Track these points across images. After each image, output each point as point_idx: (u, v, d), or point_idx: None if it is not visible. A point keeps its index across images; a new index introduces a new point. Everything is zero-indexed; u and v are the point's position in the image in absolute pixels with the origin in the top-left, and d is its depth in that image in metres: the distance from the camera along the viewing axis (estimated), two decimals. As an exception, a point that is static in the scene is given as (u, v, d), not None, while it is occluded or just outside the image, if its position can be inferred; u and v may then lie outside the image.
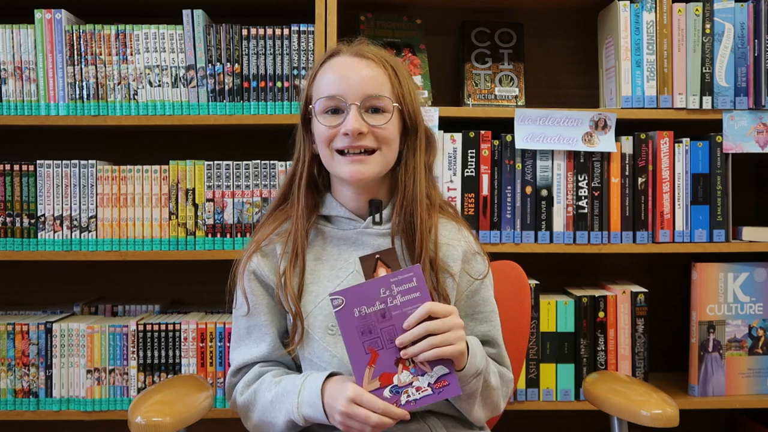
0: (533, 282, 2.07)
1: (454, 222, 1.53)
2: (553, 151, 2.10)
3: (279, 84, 2.07)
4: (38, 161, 2.07)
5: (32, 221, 2.06)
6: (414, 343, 1.29)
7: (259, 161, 2.08)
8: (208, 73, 2.06)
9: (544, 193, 2.11)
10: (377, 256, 1.31)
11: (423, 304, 1.28)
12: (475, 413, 1.44)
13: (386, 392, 1.28)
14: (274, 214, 1.53)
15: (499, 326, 1.53)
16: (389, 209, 1.49)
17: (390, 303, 1.27)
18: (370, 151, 1.42)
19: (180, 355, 2.08)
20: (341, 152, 1.42)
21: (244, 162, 2.08)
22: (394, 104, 1.44)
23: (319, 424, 1.39)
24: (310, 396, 1.35)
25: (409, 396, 1.29)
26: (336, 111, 1.43)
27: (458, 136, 2.09)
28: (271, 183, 2.07)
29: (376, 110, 1.43)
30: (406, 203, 1.45)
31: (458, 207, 2.08)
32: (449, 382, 1.29)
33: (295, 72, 2.07)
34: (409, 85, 1.48)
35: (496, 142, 2.10)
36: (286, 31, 2.08)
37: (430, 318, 1.29)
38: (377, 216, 1.47)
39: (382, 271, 1.29)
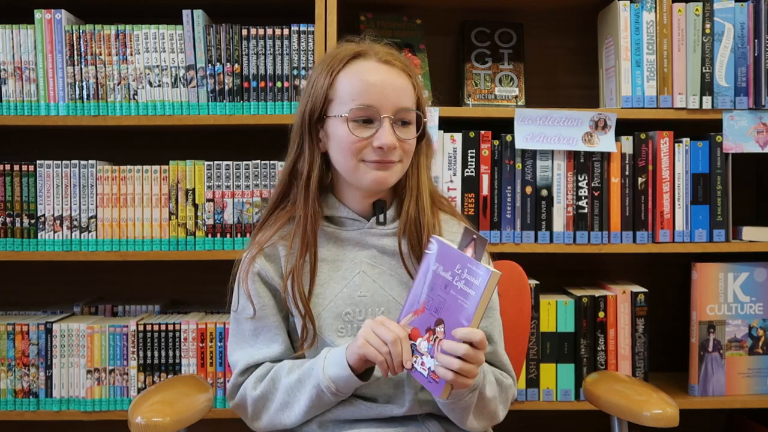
0: (533, 282, 2.07)
1: (455, 220, 1.53)
2: (553, 151, 2.10)
3: (279, 84, 2.07)
4: (38, 161, 2.07)
5: (32, 221, 2.06)
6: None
7: (259, 161, 2.08)
8: (208, 73, 2.06)
9: (544, 193, 2.11)
10: (475, 236, 1.29)
11: (479, 332, 1.25)
12: (470, 423, 1.41)
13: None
14: (276, 215, 1.49)
15: (498, 323, 1.51)
16: (393, 209, 1.49)
17: (455, 281, 1.26)
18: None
19: (180, 356, 2.08)
20: (368, 162, 1.41)
21: (244, 162, 2.08)
22: (419, 115, 1.44)
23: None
24: (334, 357, 1.35)
25: (414, 361, 1.30)
26: (366, 121, 1.40)
27: (458, 136, 2.09)
28: (271, 183, 2.07)
29: (405, 122, 1.42)
30: (412, 205, 1.45)
31: (458, 207, 2.08)
32: (439, 382, 1.28)
33: (295, 72, 2.07)
34: (422, 90, 1.48)
35: (496, 142, 2.11)
36: (286, 31, 2.08)
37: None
38: (381, 216, 1.47)
39: (469, 252, 1.28)
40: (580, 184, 2.11)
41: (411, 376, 1.38)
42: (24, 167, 2.07)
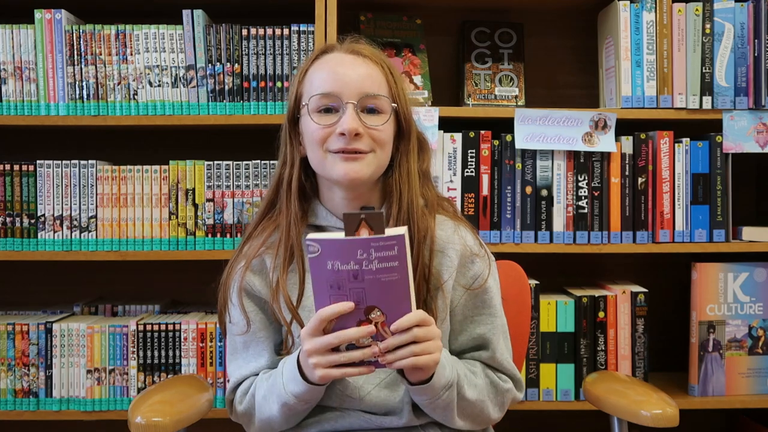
0: (533, 282, 2.07)
1: (451, 221, 1.47)
2: (553, 151, 2.10)
3: (279, 84, 2.07)
4: (38, 161, 2.07)
5: (32, 221, 2.06)
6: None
7: (259, 161, 2.08)
8: (208, 73, 2.06)
9: (544, 193, 2.11)
10: (362, 216, 1.22)
11: (415, 312, 1.22)
12: (457, 423, 1.38)
13: (343, 347, 1.24)
14: (262, 224, 1.47)
15: (499, 329, 1.46)
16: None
17: (365, 266, 1.20)
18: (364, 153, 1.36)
19: (180, 355, 2.08)
20: (334, 152, 1.36)
21: (244, 162, 2.08)
22: (392, 104, 1.39)
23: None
24: (289, 371, 1.32)
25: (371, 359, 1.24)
26: (329, 110, 1.37)
27: (458, 136, 2.09)
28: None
29: (372, 110, 1.37)
30: (402, 210, 1.38)
31: (458, 207, 2.07)
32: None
33: (295, 72, 2.07)
34: (403, 86, 1.44)
35: (496, 142, 2.11)
36: (286, 31, 2.08)
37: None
38: None
39: (364, 232, 1.21)
40: (580, 184, 2.11)
41: (406, 388, 1.37)
42: (24, 167, 2.07)
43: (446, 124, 2.09)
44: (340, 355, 1.23)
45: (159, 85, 2.06)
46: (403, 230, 1.20)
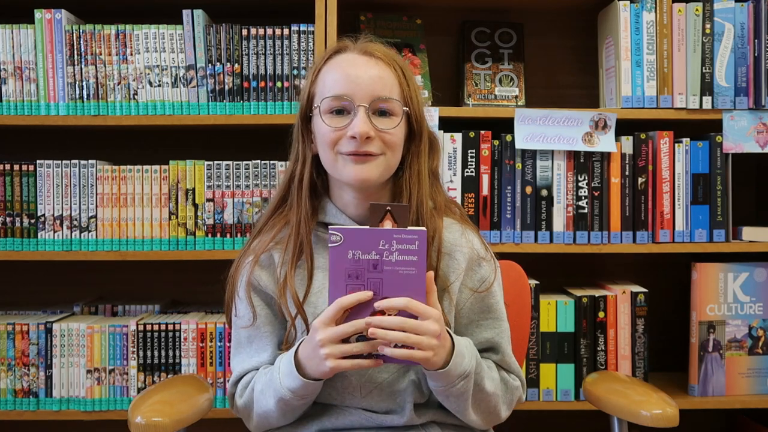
0: (533, 282, 2.07)
1: (459, 224, 1.47)
2: (553, 151, 2.10)
3: (279, 84, 2.07)
4: (38, 161, 2.07)
5: (32, 221, 2.06)
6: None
7: (259, 161, 2.08)
8: (208, 73, 2.06)
9: (544, 193, 2.11)
10: (388, 207, 1.26)
11: (402, 298, 1.23)
12: (470, 416, 1.39)
13: (353, 339, 1.26)
14: (272, 220, 1.47)
15: (505, 333, 1.47)
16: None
17: (385, 257, 1.23)
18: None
19: (180, 355, 2.08)
20: (344, 154, 1.37)
21: (244, 162, 2.08)
22: (404, 108, 1.39)
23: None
24: (286, 366, 1.33)
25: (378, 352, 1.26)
26: (341, 112, 1.37)
27: (458, 136, 2.09)
28: (271, 183, 2.07)
29: (384, 113, 1.37)
30: (412, 211, 1.39)
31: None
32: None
33: (295, 72, 2.07)
34: (415, 87, 1.43)
35: (496, 142, 2.11)
36: (286, 31, 2.08)
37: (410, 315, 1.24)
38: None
39: (388, 224, 1.25)
40: (580, 184, 2.11)
41: (407, 387, 1.38)
42: (24, 167, 2.07)
43: (446, 124, 2.09)
44: (352, 345, 1.25)
45: (159, 85, 2.06)
46: (424, 228, 1.25)
